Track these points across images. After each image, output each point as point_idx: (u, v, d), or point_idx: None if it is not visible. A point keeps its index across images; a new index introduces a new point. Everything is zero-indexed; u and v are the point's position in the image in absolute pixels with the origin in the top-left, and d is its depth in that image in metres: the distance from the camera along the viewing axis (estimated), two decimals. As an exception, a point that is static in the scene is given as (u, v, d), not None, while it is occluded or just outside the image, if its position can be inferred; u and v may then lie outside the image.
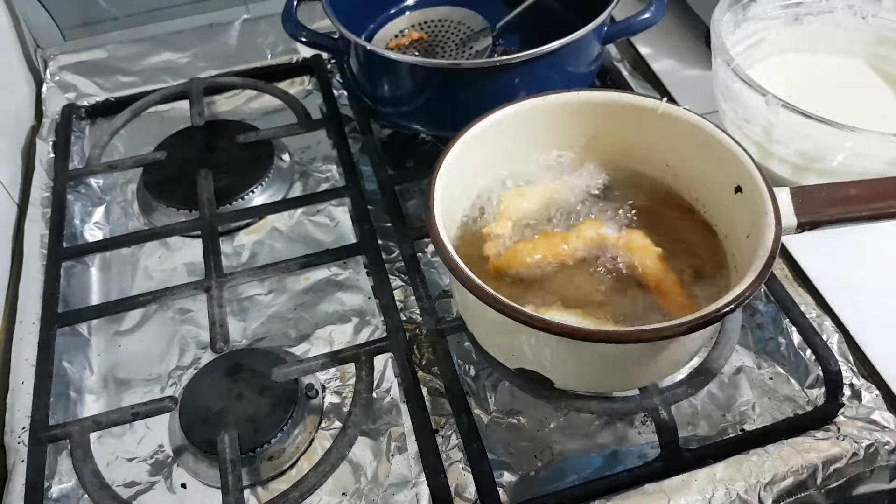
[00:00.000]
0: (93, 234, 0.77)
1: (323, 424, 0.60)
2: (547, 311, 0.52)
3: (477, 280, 0.47)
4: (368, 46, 0.71)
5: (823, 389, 0.58)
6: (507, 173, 0.62)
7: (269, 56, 0.93)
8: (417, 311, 0.64)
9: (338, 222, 0.75)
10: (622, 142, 0.61)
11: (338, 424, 0.60)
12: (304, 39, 0.77)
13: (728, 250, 0.56)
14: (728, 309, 0.45)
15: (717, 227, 0.58)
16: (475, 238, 0.58)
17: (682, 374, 0.59)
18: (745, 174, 0.53)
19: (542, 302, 0.54)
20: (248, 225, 0.75)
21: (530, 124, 0.60)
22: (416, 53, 0.82)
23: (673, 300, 0.54)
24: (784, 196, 0.51)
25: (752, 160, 0.53)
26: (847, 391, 0.58)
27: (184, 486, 0.58)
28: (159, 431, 0.61)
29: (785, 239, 0.49)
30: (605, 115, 0.60)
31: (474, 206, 0.60)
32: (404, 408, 0.59)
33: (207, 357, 0.64)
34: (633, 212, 0.59)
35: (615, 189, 0.61)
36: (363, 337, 0.66)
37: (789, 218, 0.51)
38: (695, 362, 0.59)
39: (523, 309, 0.46)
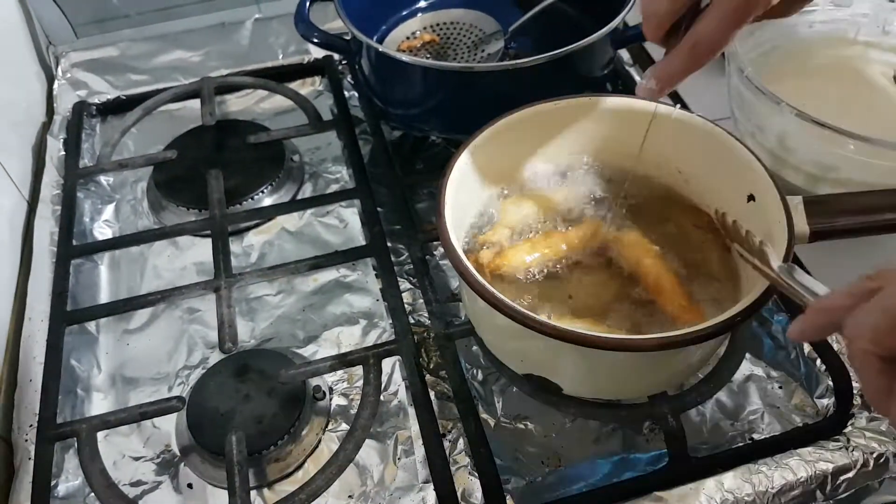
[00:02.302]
0: (102, 232, 0.77)
1: (330, 427, 0.60)
2: (557, 319, 0.52)
3: (487, 285, 0.47)
4: (380, 48, 0.71)
5: (833, 399, 0.58)
6: (518, 177, 0.61)
7: (281, 56, 0.93)
8: (426, 315, 0.64)
9: (347, 224, 0.75)
10: (634, 147, 0.60)
11: (345, 427, 0.60)
12: (315, 40, 0.77)
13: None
14: (739, 318, 0.45)
15: (729, 236, 0.58)
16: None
17: (691, 383, 0.59)
18: (758, 182, 0.52)
19: (551, 308, 0.54)
20: (257, 225, 0.75)
21: (542, 128, 0.60)
22: (428, 56, 0.82)
23: (670, 299, 0.53)
24: (797, 205, 0.51)
25: (766, 168, 0.52)
26: (857, 401, 0.57)
27: (190, 486, 0.58)
28: (166, 431, 0.61)
29: (796, 249, 0.48)
30: (617, 121, 0.59)
31: (485, 209, 0.60)
32: (412, 411, 0.59)
33: (215, 357, 0.64)
34: (644, 218, 0.59)
35: (626, 195, 0.61)
36: (371, 339, 0.65)
37: (802, 227, 0.50)
38: (704, 371, 0.59)
39: (534, 315, 0.45)
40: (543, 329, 0.45)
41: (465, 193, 0.55)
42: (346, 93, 0.87)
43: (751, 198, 0.53)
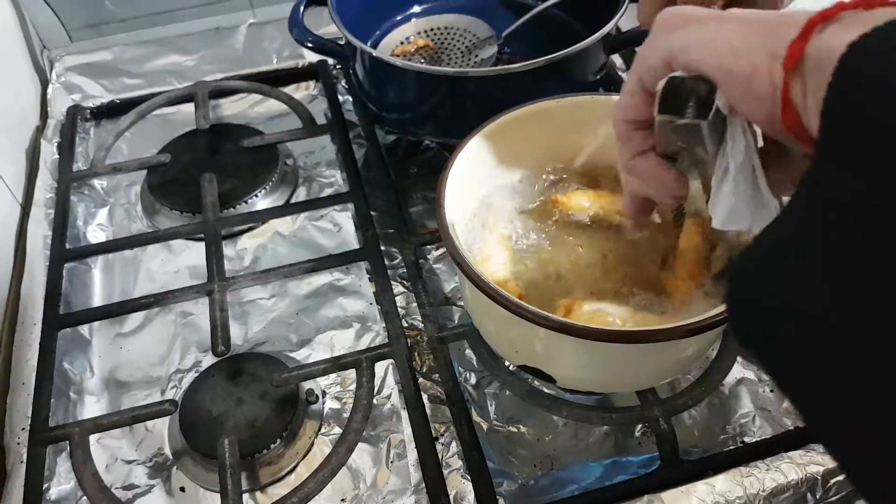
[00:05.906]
0: (96, 235, 0.77)
1: (323, 430, 0.60)
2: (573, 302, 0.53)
3: (485, 277, 0.48)
4: (374, 53, 0.71)
5: (824, 403, 0.58)
6: (517, 176, 0.62)
7: (275, 60, 0.94)
8: (419, 318, 0.65)
9: (341, 228, 0.75)
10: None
11: (338, 430, 0.60)
12: (310, 45, 0.77)
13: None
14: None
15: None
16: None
17: (683, 386, 0.59)
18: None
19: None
20: (251, 229, 0.76)
21: (540, 127, 0.60)
22: (422, 61, 0.82)
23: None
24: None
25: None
26: (848, 405, 0.58)
27: (182, 489, 0.58)
28: (159, 434, 0.61)
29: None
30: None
31: (480, 208, 0.60)
32: (405, 414, 0.59)
33: (208, 361, 0.64)
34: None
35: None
36: (364, 343, 0.66)
37: None
38: (696, 374, 0.59)
39: (527, 305, 0.46)
40: (536, 319, 0.45)
41: (465, 187, 0.56)
42: (340, 97, 0.87)
43: None
